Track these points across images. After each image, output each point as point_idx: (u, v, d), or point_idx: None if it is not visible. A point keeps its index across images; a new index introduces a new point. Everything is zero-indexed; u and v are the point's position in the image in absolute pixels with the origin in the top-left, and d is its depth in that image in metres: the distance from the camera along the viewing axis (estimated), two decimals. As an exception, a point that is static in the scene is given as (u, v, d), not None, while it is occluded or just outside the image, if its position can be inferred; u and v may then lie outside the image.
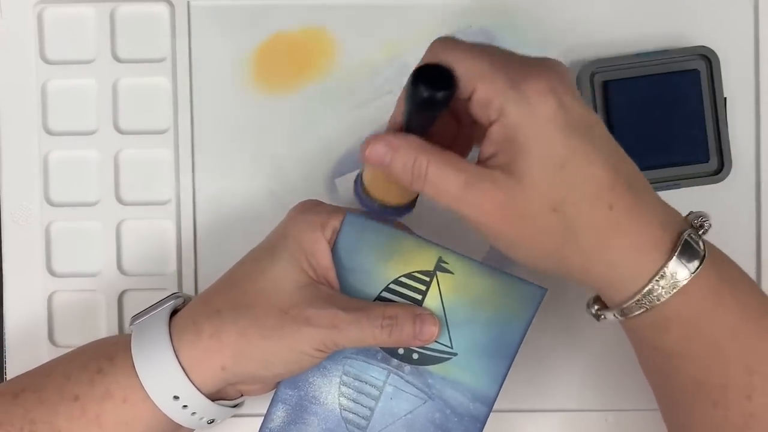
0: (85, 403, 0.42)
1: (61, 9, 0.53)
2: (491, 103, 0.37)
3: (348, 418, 0.44)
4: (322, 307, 0.41)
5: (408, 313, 0.42)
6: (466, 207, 0.37)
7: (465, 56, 0.37)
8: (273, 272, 0.42)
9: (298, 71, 0.53)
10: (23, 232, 0.53)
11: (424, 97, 0.35)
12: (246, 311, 0.42)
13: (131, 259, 0.53)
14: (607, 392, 0.53)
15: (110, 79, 0.53)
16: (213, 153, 0.53)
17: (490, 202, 0.37)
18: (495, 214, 0.37)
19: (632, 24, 0.52)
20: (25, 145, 0.53)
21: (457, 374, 0.43)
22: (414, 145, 0.38)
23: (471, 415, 0.43)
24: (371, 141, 0.38)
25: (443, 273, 0.43)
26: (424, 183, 0.38)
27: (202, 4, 0.53)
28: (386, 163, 0.38)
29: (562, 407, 0.53)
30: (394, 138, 0.38)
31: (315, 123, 0.53)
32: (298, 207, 0.44)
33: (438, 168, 0.37)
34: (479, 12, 0.53)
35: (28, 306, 0.53)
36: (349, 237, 0.43)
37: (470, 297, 0.43)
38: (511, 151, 0.37)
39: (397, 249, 0.43)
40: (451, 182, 0.37)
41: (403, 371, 0.44)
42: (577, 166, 0.37)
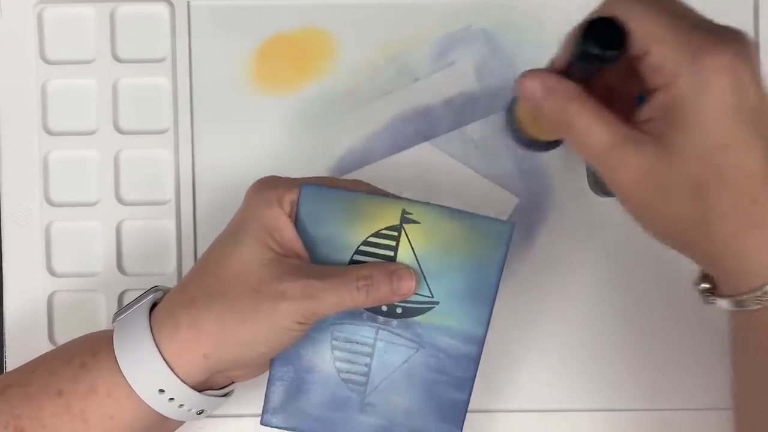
0: (69, 399, 0.42)
1: (61, 9, 0.53)
2: (663, 69, 0.35)
3: (347, 379, 0.45)
4: (295, 279, 0.41)
5: (382, 270, 0.42)
6: (605, 166, 0.37)
7: (645, 13, 0.35)
8: (239, 254, 0.42)
9: (298, 71, 0.53)
10: (23, 232, 0.53)
11: (591, 53, 0.34)
12: (219, 297, 0.41)
13: (131, 259, 0.53)
14: (608, 392, 0.53)
15: (110, 79, 0.53)
16: (213, 153, 0.53)
17: (630, 168, 0.36)
18: (631, 180, 0.36)
19: (632, 24, 0.52)
20: (25, 145, 0.53)
21: (442, 321, 0.44)
22: (567, 93, 0.37)
23: (464, 355, 0.44)
24: (528, 76, 0.37)
25: (410, 224, 0.43)
26: (568, 131, 0.37)
27: (202, 4, 0.53)
28: (537, 101, 0.37)
29: (562, 407, 0.53)
30: (549, 79, 0.37)
31: (315, 123, 0.53)
32: (253, 186, 0.44)
33: (585, 121, 0.36)
34: (479, 12, 0.53)
35: (28, 306, 0.53)
36: (308, 207, 0.43)
37: (441, 243, 0.43)
38: (669, 123, 0.35)
39: (359, 210, 0.43)
40: (595, 139, 0.36)
41: (391, 326, 0.44)
42: (733, 154, 0.35)
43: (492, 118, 0.53)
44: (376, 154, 0.53)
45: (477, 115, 0.53)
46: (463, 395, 0.44)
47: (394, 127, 0.53)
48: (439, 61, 0.53)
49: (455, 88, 0.53)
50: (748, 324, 0.39)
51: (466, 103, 0.53)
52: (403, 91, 0.53)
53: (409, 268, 0.43)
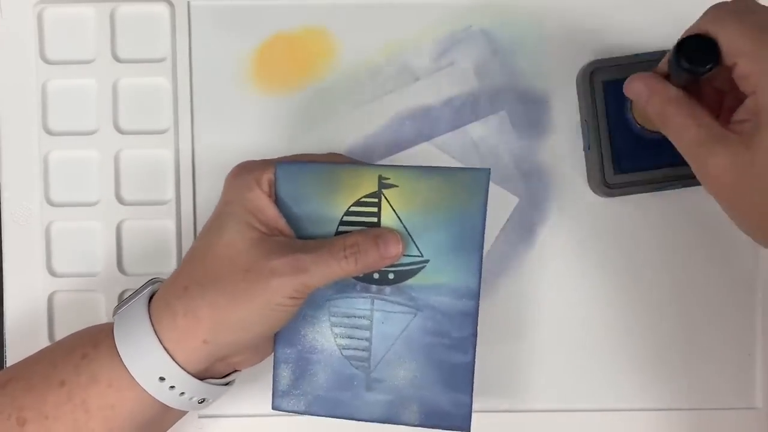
0: (71, 389, 0.42)
1: (61, 9, 0.53)
2: (749, 78, 0.39)
3: (350, 356, 0.45)
4: (283, 255, 0.42)
5: (368, 236, 0.43)
6: (695, 161, 0.41)
7: (733, 29, 0.40)
8: (225, 239, 0.43)
9: (298, 71, 0.53)
10: (23, 232, 0.53)
11: (685, 68, 0.40)
12: (211, 282, 0.42)
13: (131, 259, 0.53)
14: (608, 392, 0.53)
15: (110, 79, 0.53)
16: (213, 152, 0.53)
17: (716, 163, 0.40)
18: (718, 175, 0.40)
19: (632, 24, 0.52)
20: (25, 145, 0.53)
21: (435, 279, 0.44)
22: (667, 94, 0.42)
23: (461, 312, 0.44)
24: (636, 78, 0.44)
25: (388, 189, 0.44)
26: (666, 129, 0.42)
27: (202, 4, 0.53)
28: (642, 100, 0.43)
29: (563, 407, 0.53)
30: (653, 81, 0.43)
31: (315, 123, 0.53)
32: (231, 172, 0.45)
33: (680, 119, 0.41)
34: (479, 12, 0.53)
35: (28, 306, 0.53)
36: (286, 186, 0.44)
37: (422, 202, 0.43)
38: (756, 124, 0.39)
39: (336, 182, 0.44)
40: (687, 134, 0.41)
41: (385, 293, 0.44)
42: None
43: (492, 118, 0.53)
44: (376, 154, 0.53)
45: (477, 115, 0.53)
46: (467, 357, 0.44)
47: (394, 127, 0.53)
48: (439, 61, 0.53)
49: (455, 88, 0.53)
50: None
51: (466, 103, 0.53)
52: (403, 91, 0.53)
53: (394, 231, 0.44)
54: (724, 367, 0.53)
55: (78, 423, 0.42)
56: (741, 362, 0.53)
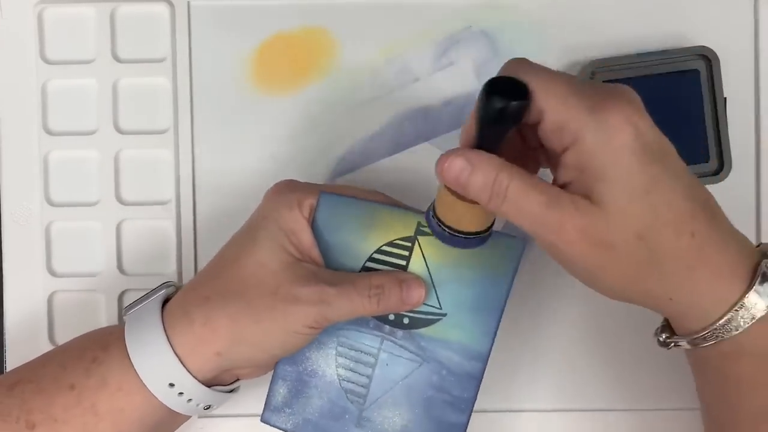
0: (80, 392, 0.42)
1: (61, 9, 0.53)
2: (566, 128, 0.36)
3: (348, 388, 0.45)
4: (310, 284, 0.42)
5: (394, 279, 0.43)
6: (546, 230, 0.36)
7: (540, 75, 0.36)
8: (257, 255, 0.42)
9: (298, 71, 0.53)
10: (23, 232, 0.53)
11: (497, 108, 0.34)
12: (234, 296, 0.42)
13: (131, 259, 0.53)
14: (609, 392, 0.53)
15: (110, 79, 0.53)
16: (213, 153, 0.53)
17: (571, 227, 0.36)
18: (576, 239, 0.36)
19: (632, 24, 0.52)
20: (25, 145, 0.53)
21: (448, 334, 0.44)
22: (494, 162, 0.36)
23: (467, 373, 0.44)
24: (449, 156, 0.37)
25: (424, 236, 0.43)
26: (503, 202, 0.36)
27: (202, 4, 0.53)
28: (463, 179, 0.37)
29: (564, 407, 0.53)
30: (473, 154, 0.36)
31: (315, 123, 0.53)
32: (273, 188, 0.45)
33: (519, 187, 0.36)
34: (479, 12, 0.53)
35: (28, 306, 0.53)
36: (326, 213, 0.44)
37: (453, 256, 0.43)
38: (588, 180, 0.36)
39: (375, 220, 0.44)
40: (532, 203, 0.36)
41: (396, 336, 0.44)
42: (659, 194, 0.36)
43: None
44: (376, 154, 0.53)
45: (477, 115, 0.53)
46: (462, 418, 0.44)
47: (394, 127, 0.53)
48: (439, 61, 0.53)
49: (455, 88, 0.53)
50: (708, 356, 0.40)
51: (466, 103, 0.53)
52: (403, 91, 0.53)
53: (420, 278, 0.43)
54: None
55: (87, 426, 0.42)
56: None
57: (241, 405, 0.52)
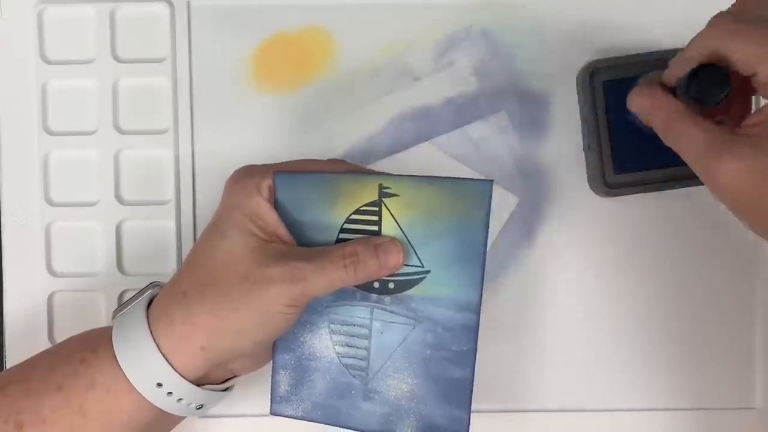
0: (68, 393, 0.42)
1: (61, 9, 0.53)
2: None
3: (348, 364, 0.45)
4: (282, 263, 0.41)
5: (368, 245, 0.42)
6: (703, 169, 0.40)
7: (744, 39, 0.39)
8: (224, 245, 0.42)
9: (298, 71, 0.53)
10: (23, 232, 0.53)
11: (698, 100, 0.40)
12: (209, 289, 0.42)
13: (131, 259, 0.53)
14: (609, 392, 0.53)
15: (110, 79, 0.53)
16: (213, 152, 0.53)
17: (725, 169, 0.39)
18: (728, 179, 0.39)
19: (632, 24, 0.52)
20: (25, 145, 0.53)
21: (436, 290, 0.43)
22: (671, 107, 0.42)
23: (462, 326, 0.43)
24: (639, 91, 0.44)
25: (389, 198, 0.43)
26: (670, 138, 0.42)
27: (202, 4, 0.53)
28: (645, 114, 0.43)
29: (563, 407, 0.53)
30: (657, 95, 0.43)
31: (315, 123, 0.53)
32: (231, 177, 0.45)
33: (684, 127, 0.41)
34: (479, 12, 0.53)
35: (28, 306, 0.53)
36: (285, 194, 0.43)
37: (424, 212, 0.43)
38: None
39: (336, 191, 0.43)
40: (693, 143, 0.40)
41: (385, 303, 0.44)
42: None
43: (492, 118, 0.53)
44: (376, 154, 0.53)
45: (477, 115, 0.53)
46: (465, 372, 0.43)
47: (394, 127, 0.53)
48: (439, 61, 0.53)
49: (455, 88, 0.53)
50: None
51: (466, 103, 0.53)
52: (403, 91, 0.53)
53: (395, 240, 0.43)
54: (724, 367, 0.53)
55: (75, 427, 0.42)
56: (741, 362, 0.53)
57: (241, 405, 0.52)
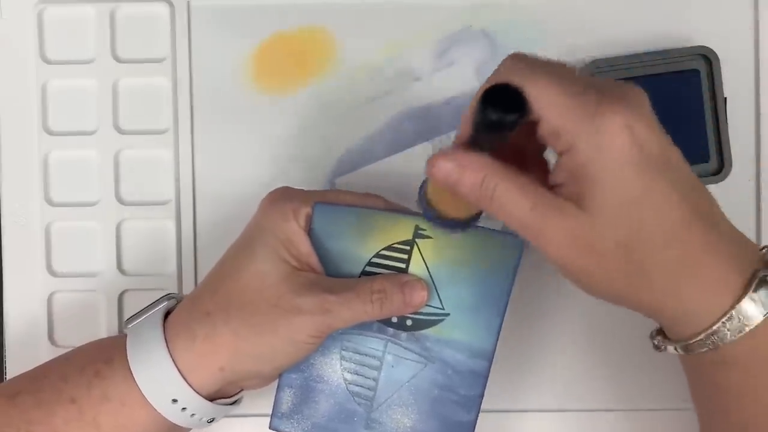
0: (82, 406, 0.42)
1: (61, 9, 0.53)
2: (561, 134, 0.35)
3: (354, 391, 0.45)
4: (310, 293, 0.41)
5: (395, 282, 0.43)
6: (532, 233, 0.36)
7: (537, 78, 0.36)
8: (255, 267, 0.42)
9: (298, 71, 0.53)
10: (23, 232, 0.53)
11: (493, 120, 0.34)
12: (235, 311, 0.42)
13: (131, 259, 0.53)
14: (609, 392, 0.53)
15: (110, 79, 0.53)
16: (213, 153, 0.53)
17: (556, 231, 0.36)
18: (561, 243, 0.36)
19: (632, 24, 0.52)
20: (25, 145, 0.53)
21: (452, 333, 0.44)
22: (483, 165, 0.36)
23: (472, 372, 0.44)
24: (439, 158, 0.37)
25: (422, 239, 0.44)
26: (490, 204, 0.37)
27: (202, 4, 0.53)
28: (452, 181, 0.37)
29: (563, 407, 0.53)
30: (462, 156, 0.37)
31: (315, 123, 0.53)
32: (268, 197, 0.44)
33: (506, 190, 0.36)
34: (479, 12, 0.53)
35: (28, 306, 0.53)
36: (322, 223, 0.43)
37: (453, 257, 0.43)
38: (580, 184, 0.36)
39: (372, 225, 0.44)
40: (517, 206, 0.36)
41: (400, 339, 0.44)
42: (650, 204, 0.35)
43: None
44: (376, 154, 0.53)
45: (477, 115, 0.53)
46: (470, 416, 0.44)
47: (394, 127, 0.53)
48: (439, 61, 0.53)
49: (455, 88, 0.53)
50: (699, 364, 0.40)
51: (465, 103, 0.53)
52: (403, 91, 0.53)
53: (421, 280, 0.43)
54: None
55: None
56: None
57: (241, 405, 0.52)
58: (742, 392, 0.39)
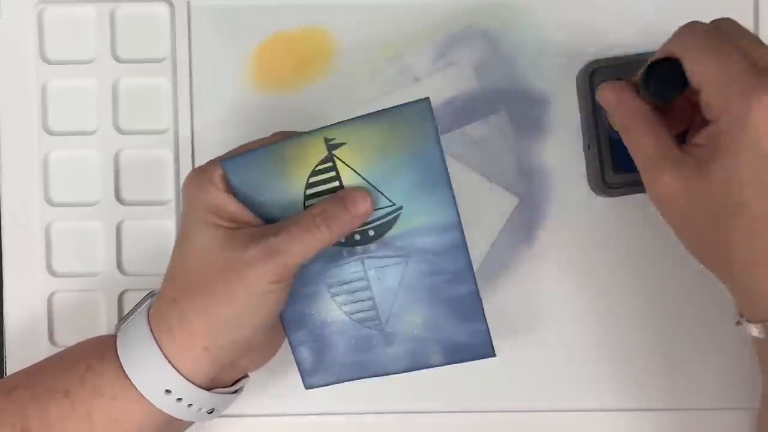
0: (74, 400, 0.42)
1: (61, 9, 0.53)
2: (712, 106, 0.39)
3: (360, 318, 0.45)
4: (254, 243, 0.41)
5: (334, 200, 0.42)
6: (647, 177, 0.41)
7: (699, 56, 0.40)
8: (194, 244, 0.42)
9: (298, 71, 0.53)
10: (23, 232, 0.53)
11: (653, 93, 0.41)
12: (194, 289, 0.42)
13: (131, 259, 0.53)
14: (609, 392, 0.53)
15: (110, 79, 0.53)
16: (213, 153, 0.53)
17: (666, 181, 0.40)
18: (666, 192, 0.40)
19: (632, 24, 0.52)
20: (25, 145, 0.53)
21: (414, 221, 0.43)
22: (633, 106, 0.42)
23: (450, 246, 0.44)
24: (607, 86, 0.44)
25: (338, 149, 0.43)
26: (627, 136, 0.43)
27: (202, 4, 0.53)
28: (610, 108, 0.44)
29: (563, 407, 0.53)
30: (623, 92, 0.43)
31: (315, 123, 0.53)
32: (185, 180, 0.45)
33: (639, 132, 0.42)
34: (479, 12, 0.53)
35: (28, 306, 0.53)
36: (237, 178, 0.43)
37: (375, 151, 0.43)
38: (712, 151, 0.39)
39: (285, 159, 0.43)
40: (643, 150, 0.41)
41: (372, 251, 0.44)
42: (757, 189, 0.38)
43: (492, 118, 0.53)
44: (376, 154, 0.53)
45: (477, 115, 0.53)
46: (469, 286, 0.44)
47: (394, 127, 0.53)
48: (439, 61, 0.53)
49: (455, 88, 0.53)
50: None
51: (466, 103, 0.53)
52: (403, 91, 0.53)
53: (359, 188, 0.43)
54: (723, 366, 0.53)
55: None
56: (742, 362, 0.53)
57: (241, 405, 0.52)
58: None
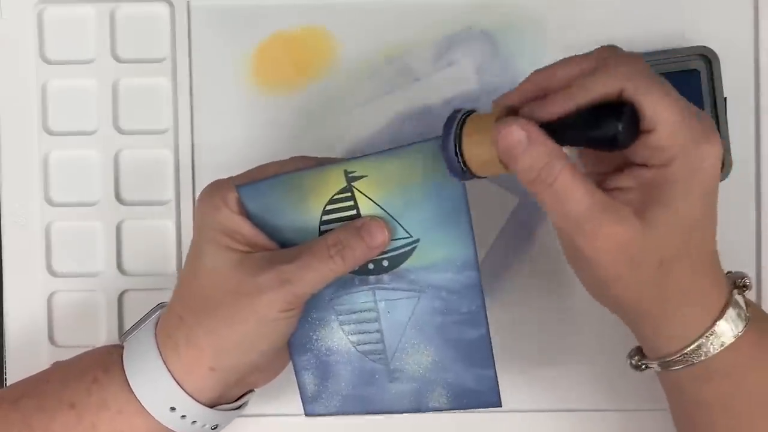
0: (80, 411, 0.42)
1: (61, 9, 0.53)
2: (664, 149, 0.35)
3: (365, 350, 0.44)
4: (266, 270, 0.40)
5: (350, 229, 0.41)
6: (582, 232, 0.36)
7: (656, 94, 0.35)
8: (207, 265, 0.42)
9: (298, 71, 0.53)
10: (23, 232, 0.53)
11: (609, 135, 0.34)
12: (203, 309, 0.42)
13: (131, 259, 0.53)
14: (609, 392, 0.53)
15: (110, 79, 0.53)
16: (213, 153, 0.53)
17: (608, 237, 0.35)
18: (607, 249, 0.36)
19: (632, 24, 0.52)
20: (25, 145, 0.53)
21: (430, 256, 0.42)
22: (552, 149, 0.35)
23: (465, 285, 0.42)
24: (511, 123, 0.35)
25: (356, 181, 0.42)
26: (545, 190, 0.35)
27: (202, 4, 0.53)
28: (516, 153, 0.35)
29: (564, 407, 0.53)
30: (537, 133, 0.35)
31: (315, 123, 0.53)
32: (199, 196, 0.44)
33: (567, 182, 0.35)
34: (479, 13, 0.53)
35: (28, 306, 0.53)
36: (253, 204, 0.42)
37: (394, 183, 0.41)
38: (652, 197, 0.36)
39: (303, 188, 0.42)
40: (575, 201, 0.35)
41: (384, 282, 0.43)
42: (700, 233, 0.37)
43: (492, 118, 0.53)
44: (376, 154, 0.53)
45: (477, 115, 0.53)
46: (480, 330, 0.42)
47: (394, 127, 0.53)
48: (439, 61, 0.53)
49: (455, 88, 0.53)
50: (678, 380, 0.41)
51: (466, 103, 0.53)
52: (403, 91, 0.53)
53: (375, 217, 0.42)
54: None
55: None
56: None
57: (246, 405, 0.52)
58: (722, 405, 0.40)
